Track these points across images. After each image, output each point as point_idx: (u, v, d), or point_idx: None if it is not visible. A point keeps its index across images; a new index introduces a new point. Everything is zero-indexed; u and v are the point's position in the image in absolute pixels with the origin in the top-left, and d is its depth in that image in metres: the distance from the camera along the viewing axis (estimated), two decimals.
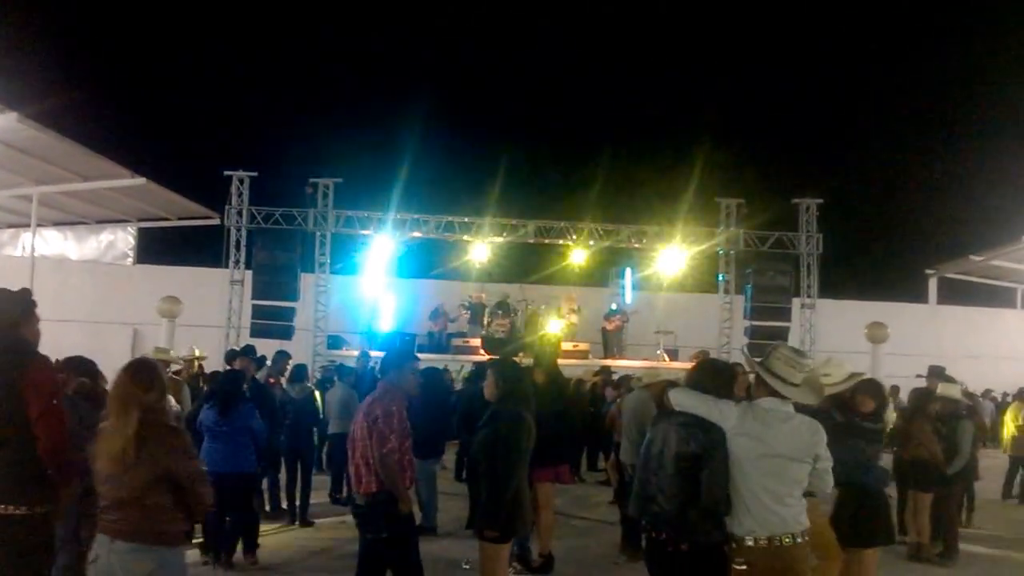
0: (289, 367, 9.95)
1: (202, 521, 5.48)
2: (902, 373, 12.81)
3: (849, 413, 5.43)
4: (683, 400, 3.97)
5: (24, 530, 3.79)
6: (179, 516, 3.59)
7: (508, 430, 4.81)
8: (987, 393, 20.92)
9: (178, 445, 3.63)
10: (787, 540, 3.69)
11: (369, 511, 4.93)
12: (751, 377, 4.19)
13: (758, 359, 4.03)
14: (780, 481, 3.73)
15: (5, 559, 3.81)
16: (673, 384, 8.24)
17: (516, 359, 5.76)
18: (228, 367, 8.88)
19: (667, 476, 3.78)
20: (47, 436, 3.82)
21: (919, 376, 9.40)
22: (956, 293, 23.37)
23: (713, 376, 4.07)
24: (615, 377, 13.74)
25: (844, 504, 5.44)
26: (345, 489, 9.05)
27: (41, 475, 3.84)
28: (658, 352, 19.46)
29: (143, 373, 3.66)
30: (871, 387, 5.57)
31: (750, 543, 3.69)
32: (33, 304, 4.15)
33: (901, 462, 8.52)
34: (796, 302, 19.36)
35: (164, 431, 3.63)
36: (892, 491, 9.54)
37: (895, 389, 14.38)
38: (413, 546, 5.02)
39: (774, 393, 3.87)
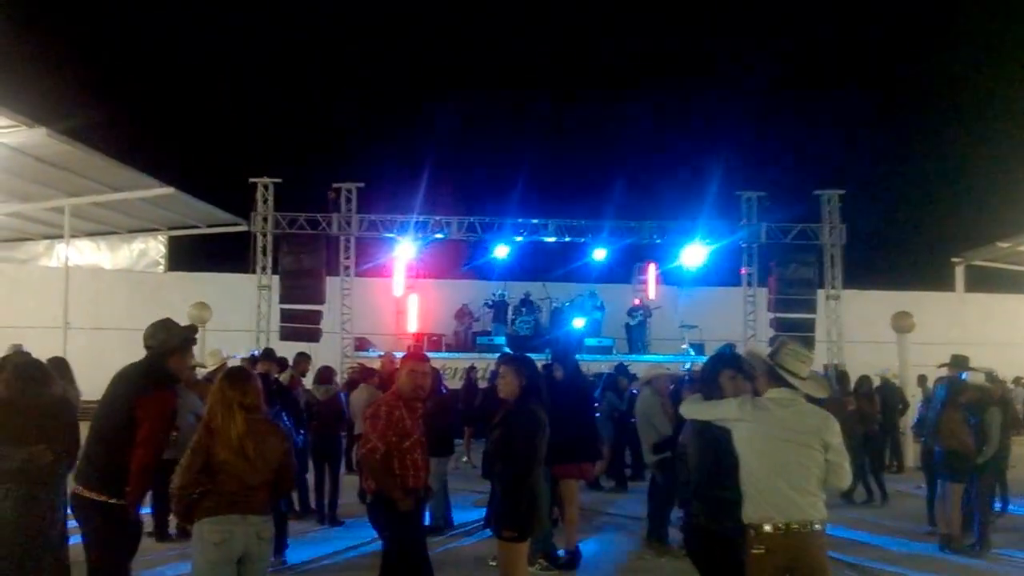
0: (310, 369, 10.05)
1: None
2: (930, 363, 12.69)
3: None
4: (690, 412, 4.33)
5: (103, 515, 4.35)
6: None
7: (525, 430, 4.75)
8: (1018, 380, 20.67)
9: (286, 435, 4.45)
10: (805, 528, 3.78)
11: (372, 509, 4.99)
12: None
13: (765, 354, 4.15)
14: (790, 466, 3.83)
15: (90, 537, 4.41)
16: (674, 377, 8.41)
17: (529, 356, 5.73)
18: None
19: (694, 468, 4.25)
20: (141, 456, 4.34)
21: (942, 365, 9.34)
22: (983, 280, 23.03)
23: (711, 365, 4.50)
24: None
25: None
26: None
27: (123, 474, 4.35)
28: (683, 347, 19.47)
29: (240, 380, 4.28)
30: None
31: (768, 529, 3.80)
32: (191, 341, 4.68)
33: (930, 453, 8.52)
34: (821, 293, 19.22)
35: (272, 426, 4.39)
36: (922, 482, 9.57)
37: (922, 379, 14.31)
38: (417, 544, 4.98)
39: (782, 385, 3.98)
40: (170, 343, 4.52)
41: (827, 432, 3.92)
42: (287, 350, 12.14)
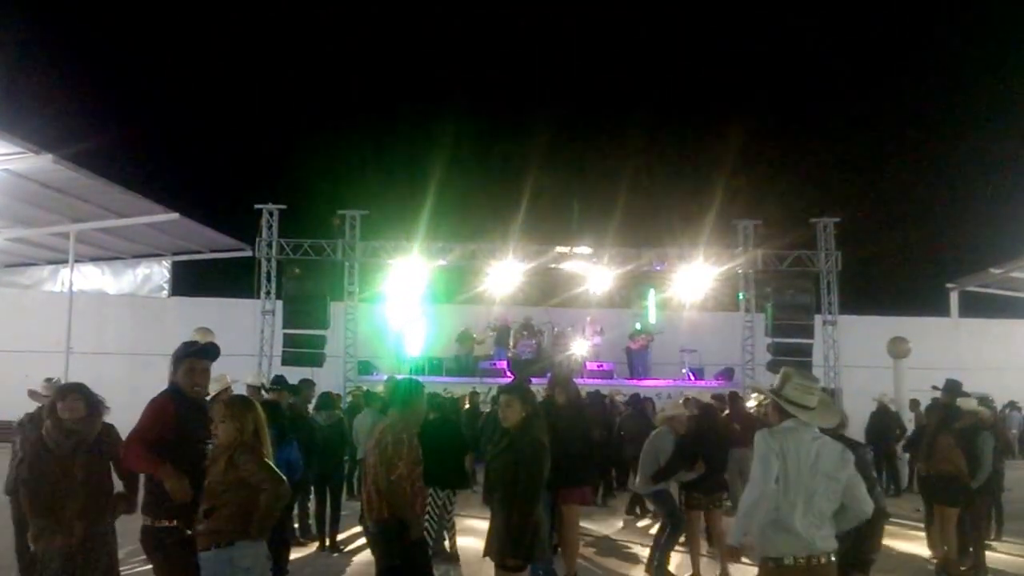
0: (314, 395, 10.07)
1: None
2: (925, 388, 12.84)
3: None
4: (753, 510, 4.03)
5: (148, 538, 4.50)
6: None
7: (532, 457, 4.78)
8: (1013, 405, 20.80)
9: None
10: (820, 560, 3.85)
11: (381, 537, 4.89)
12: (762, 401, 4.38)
13: (771, 387, 4.18)
14: (814, 497, 3.87)
15: (154, 560, 4.54)
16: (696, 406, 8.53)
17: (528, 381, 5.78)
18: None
19: None
20: (126, 444, 4.60)
21: (934, 388, 9.49)
22: (977, 306, 23.23)
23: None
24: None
25: None
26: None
27: (162, 496, 4.44)
28: (683, 371, 19.61)
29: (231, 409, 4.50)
30: None
31: (789, 563, 3.84)
32: (186, 357, 4.93)
33: (926, 477, 8.61)
34: (818, 319, 19.38)
35: None
36: (920, 506, 9.64)
37: (915, 403, 14.43)
38: (426, 571, 4.99)
39: (788, 417, 4.03)
40: (172, 362, 4.90)
41: (849, 465, 3.97)
42: (290, 375, 12.23)
